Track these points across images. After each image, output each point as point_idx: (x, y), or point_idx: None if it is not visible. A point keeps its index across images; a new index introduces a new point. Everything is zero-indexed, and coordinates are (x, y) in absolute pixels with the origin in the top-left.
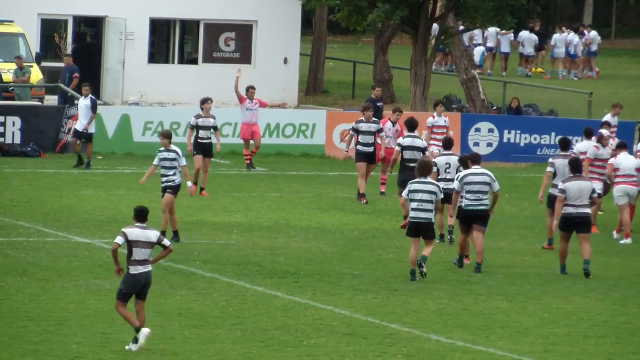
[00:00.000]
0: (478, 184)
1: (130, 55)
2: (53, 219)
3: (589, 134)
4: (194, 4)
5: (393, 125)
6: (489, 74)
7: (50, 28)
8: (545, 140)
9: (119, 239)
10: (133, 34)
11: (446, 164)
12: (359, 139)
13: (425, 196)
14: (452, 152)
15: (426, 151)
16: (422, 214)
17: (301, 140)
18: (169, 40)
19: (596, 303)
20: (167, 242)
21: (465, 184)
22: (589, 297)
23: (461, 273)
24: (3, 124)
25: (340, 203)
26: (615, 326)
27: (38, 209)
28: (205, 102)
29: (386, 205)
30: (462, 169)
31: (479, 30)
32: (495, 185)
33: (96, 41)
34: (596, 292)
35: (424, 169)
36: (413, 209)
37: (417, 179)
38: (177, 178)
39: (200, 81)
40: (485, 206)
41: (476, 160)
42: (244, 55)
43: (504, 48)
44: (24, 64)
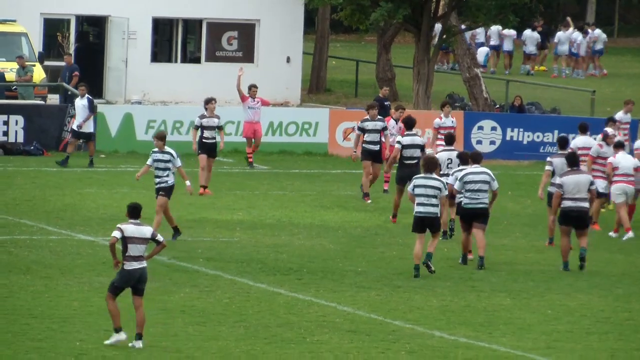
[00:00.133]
0: (478, 183)
1: (133, 54)
2: (56, 217)
3: (584, 130)
4: (196, 3)
5: (396, 122)
6: (492, 72)
7: (53, 27)
8: (548, 138)
9: (116, 233)
10: (136, 33)
11: (448, 159)
12: (364, 138)
13: (430, 191)
14: (454, 148)
15: (425, 148)
16: (428, 209)
17: (304, 138)
18: (172, 39)
19: (599, 300)
20: (161, 238)
21: (465, 182)
22: (592, 294)
23: (464, 270)
24: (6, 123)
25: (343, 201)
26: (618, 323)
27: (41, 207)
28: (209, 102)
29: (389, 203)
30: (461, 165)
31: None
32: (495, 184)
33: (99, 40)
34: (599, 289)
35: (429, 164)
36: (418, 203)
37: (423, 174)
38: (171, 179)
39: (203, 80)
40: (484, 205)
41: (477, 160)
42: (246, 54)
43: (508, 46)
44: (27, 64)
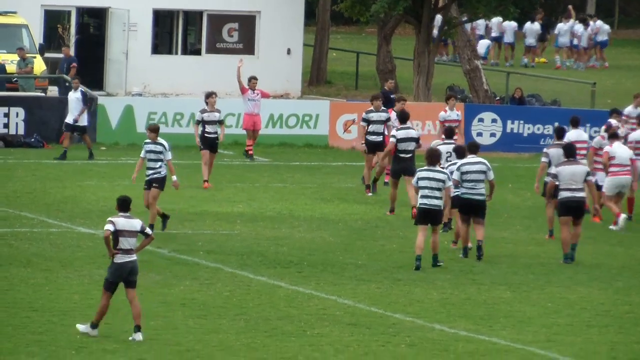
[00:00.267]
0: (474, 173)
1: (133, 46)
2: (57, 209)
3: (575, 123)
4: None
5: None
6: (492, 64)
7: (54, 19)
8: (549, 130)
9: (109, 226)
10: (136, 25)
11: (447, 152)
12: (368, 129)
13: (434, 184)
14: (454, 141)
15: (420, 140)
16: (432, 201)
17: (304, 130)
18: (172, 31)
19: (599, 292)
20: (149, 231)
21: (462, 173)
22: (592, 287)
23: (464, 263)
24: (7, 115)
25: (344, 193)
26: (619, 315)
27: (42, 199)
28: (210, 97)
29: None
30: (457, 159)
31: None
32: (490, 174)
33: (99, 32)
34: (599, 282)
35: (432, 157)
36: (422, 196)
37: (426, 167)
38: (164, 170)
39: (204, 72)
40: (481, 195)
41: (473, 150)
42: (247, 46)
43: (509, 38)
44: (27, 55)
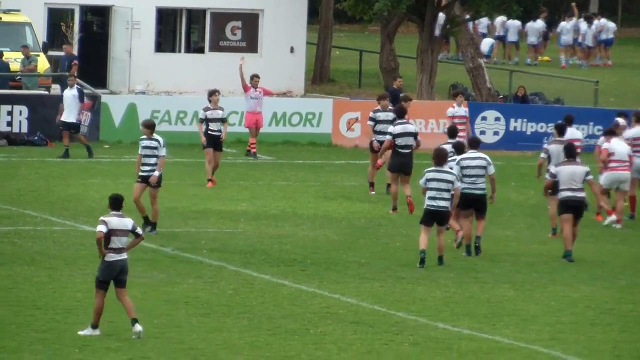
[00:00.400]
0: (474, 168)
1: (136, 44)
2: (60, 207)
3: (569, 121)
4: None
5: None
6: (494, 62)
7: (57, 17)
8: (552, 128)
9: (102, 227)
10: (139, 23)
11: (450, 151)
12: (375, 128)
13: (443, 185)
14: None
15: (418, 136)
16: (440, 203)
17: (308, 129)
18: (176, 29)
19: (603, 291)
20: (140, 231)
21: (462, 167)
22: (595, 285)
23: (468, 261)
24: (10, 113)
25: (347, 192)
26: (622, 314)
27: (45, 197)
28: (213, 94)
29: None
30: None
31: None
32: (491, 169)
33: (103, 30)
34: (602, 280)
35: (440, 157)
36: (430, 197)
37: (434, 168)
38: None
39: (207, 70)
40: (481, 190)
41: (474, 145)
42: (250, 44)
43: (513, 37)
44: (31, 53)
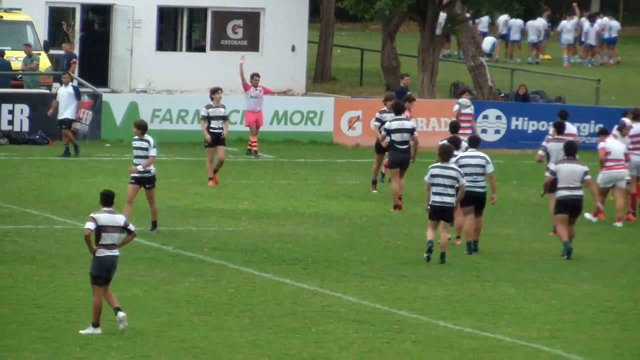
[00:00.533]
0: (473, 167)
1: (138, 43)
2: (61, 206)
3: (564, 116)
4: None
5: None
6: (496, 60)
7: (58, 16)
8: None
9: (90, 225)
10: (141, 22)
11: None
12: (381, 129)
13: (447, 181)
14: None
15: (415, 131)
16: (445, 199)
17: (309, 127)
18: (177, 28)
19: (604, 289)
20: (132, 228)
21: (460, 166)
22: (596, 284)
23: (469, 260)
24: (11, 112)
25: (349, 190)
26: (623, 312)
27: (46, 196)
28: (216, 92)
29: None
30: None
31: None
32: (489, 167)
33: (104, 29)
34: (604, 279)
35: (445, 153)
36: (435, 193)
37: (439, 164)
38: (152, 168)
39: (208, 69)
40: (480, 188)
41: (473, 144)
42: (251, 42)
43: (515, 36)
44: (33, 52)
